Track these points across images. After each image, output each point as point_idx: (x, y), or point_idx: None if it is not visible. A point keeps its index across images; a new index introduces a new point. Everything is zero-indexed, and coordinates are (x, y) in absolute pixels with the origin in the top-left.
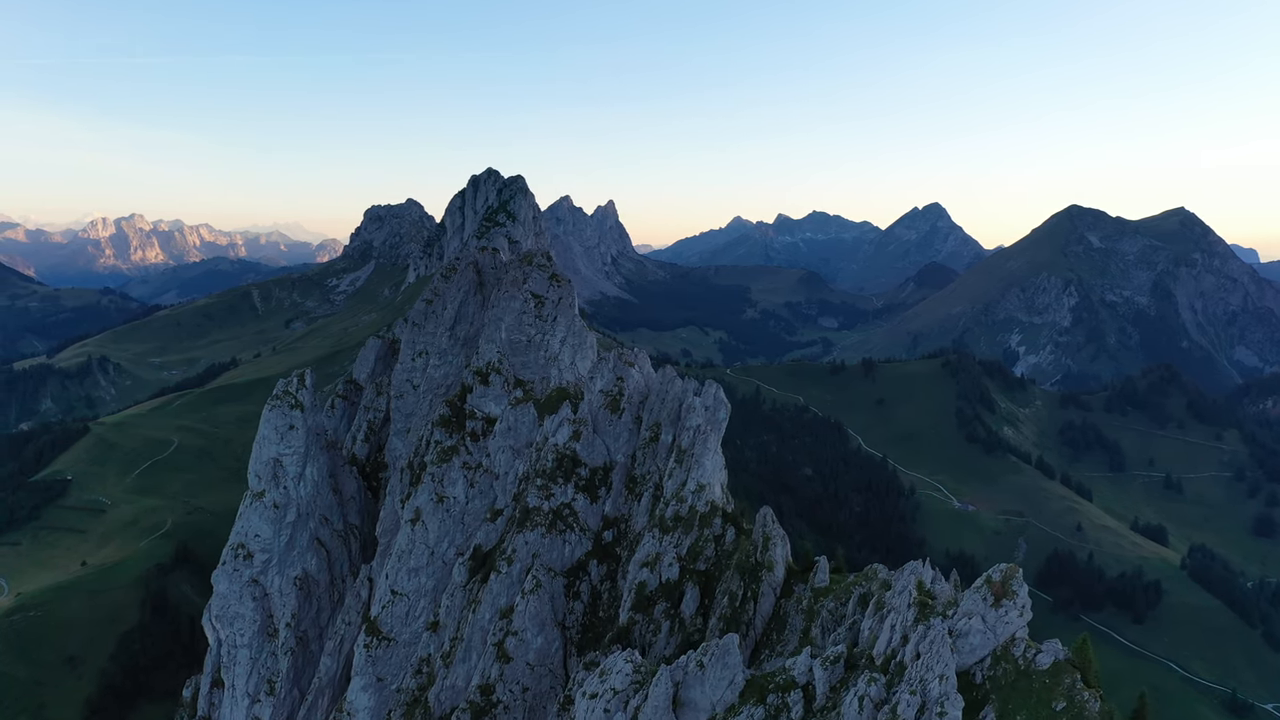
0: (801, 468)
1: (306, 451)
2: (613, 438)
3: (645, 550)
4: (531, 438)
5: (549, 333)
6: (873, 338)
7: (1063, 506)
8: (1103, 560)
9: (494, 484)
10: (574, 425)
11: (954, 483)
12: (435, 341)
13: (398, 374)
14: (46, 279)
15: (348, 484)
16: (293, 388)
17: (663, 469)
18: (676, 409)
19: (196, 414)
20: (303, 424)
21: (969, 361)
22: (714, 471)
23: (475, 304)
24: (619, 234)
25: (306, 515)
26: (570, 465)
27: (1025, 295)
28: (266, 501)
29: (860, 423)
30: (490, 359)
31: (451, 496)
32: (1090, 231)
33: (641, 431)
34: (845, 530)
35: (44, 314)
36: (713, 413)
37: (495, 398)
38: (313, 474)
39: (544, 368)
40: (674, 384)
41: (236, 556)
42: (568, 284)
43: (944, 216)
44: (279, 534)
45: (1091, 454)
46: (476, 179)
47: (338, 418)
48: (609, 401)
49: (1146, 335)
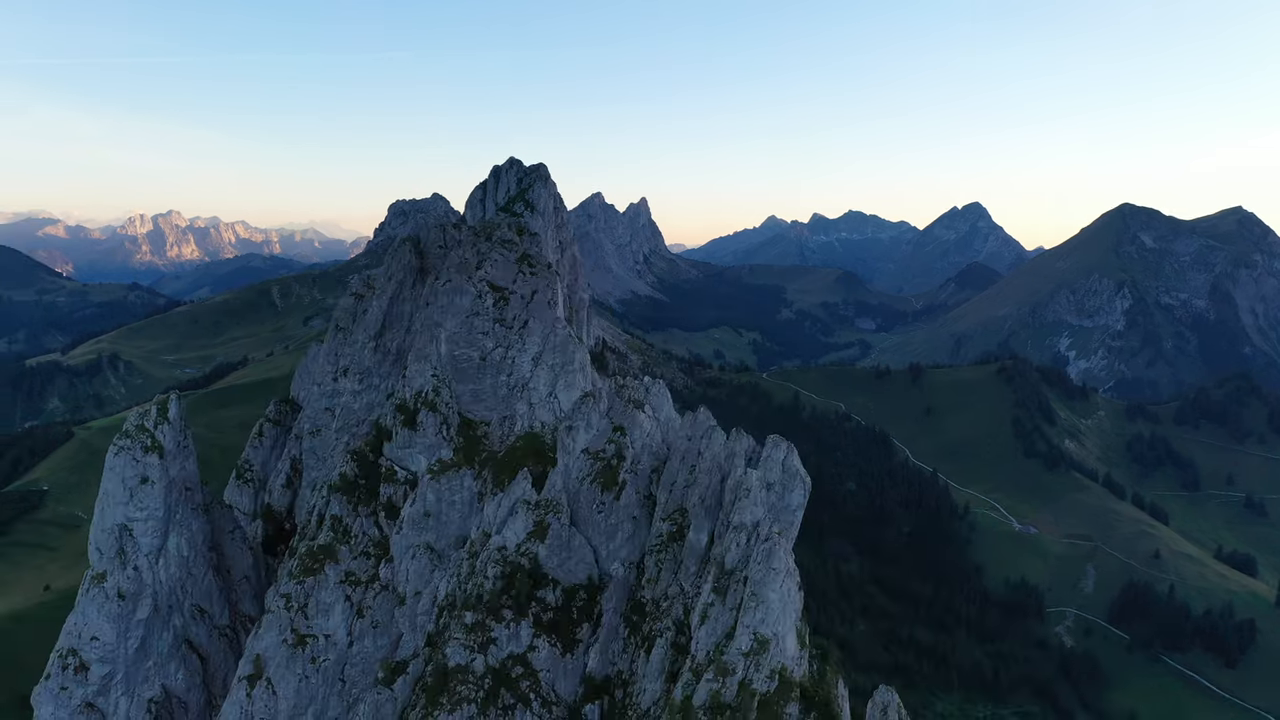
0: (844, 481)
1: (168, 515)
2: (604, 533)
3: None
4: (465, 530)
5: (515, 346)
6: (913, 340)
7: (1136, 530)
8: (1185, 593)
9: (396, 613)
10: (535, 513)
11: (1012, 501)
12: (358, 355)
13: (312, 400)
14: (85, 274)
15: (239, 559)
16: (149, 421)
17: (691, 595)
18: (717, 486)
19: (195, 418)
20: (161, 475)
21: (1026, 368)
22: (784, 611)
23: (412, 300)
24: (651, 232)
25: (169, 608)
26: (527, 584)
27: (1075, 297)
28: (109, 589)
29: (907, 433)
30: (421, 386)
31: (322, 635)
32: (1143, 231)
33: (656, 522)
34: (893, 553)
35: (71, 309)
36: (783, 497)
37: (427, 448)
38: (179, 547)
39: (507, 401)
40: (712, 440)
41: (65, 669)
42: (548, 272)
43: (984, 216)
44: (125, 636)
45: (1162, 471)
46: (498, 169)
47: (266, 451)
48: (600, 470)
49: (1205, 340)
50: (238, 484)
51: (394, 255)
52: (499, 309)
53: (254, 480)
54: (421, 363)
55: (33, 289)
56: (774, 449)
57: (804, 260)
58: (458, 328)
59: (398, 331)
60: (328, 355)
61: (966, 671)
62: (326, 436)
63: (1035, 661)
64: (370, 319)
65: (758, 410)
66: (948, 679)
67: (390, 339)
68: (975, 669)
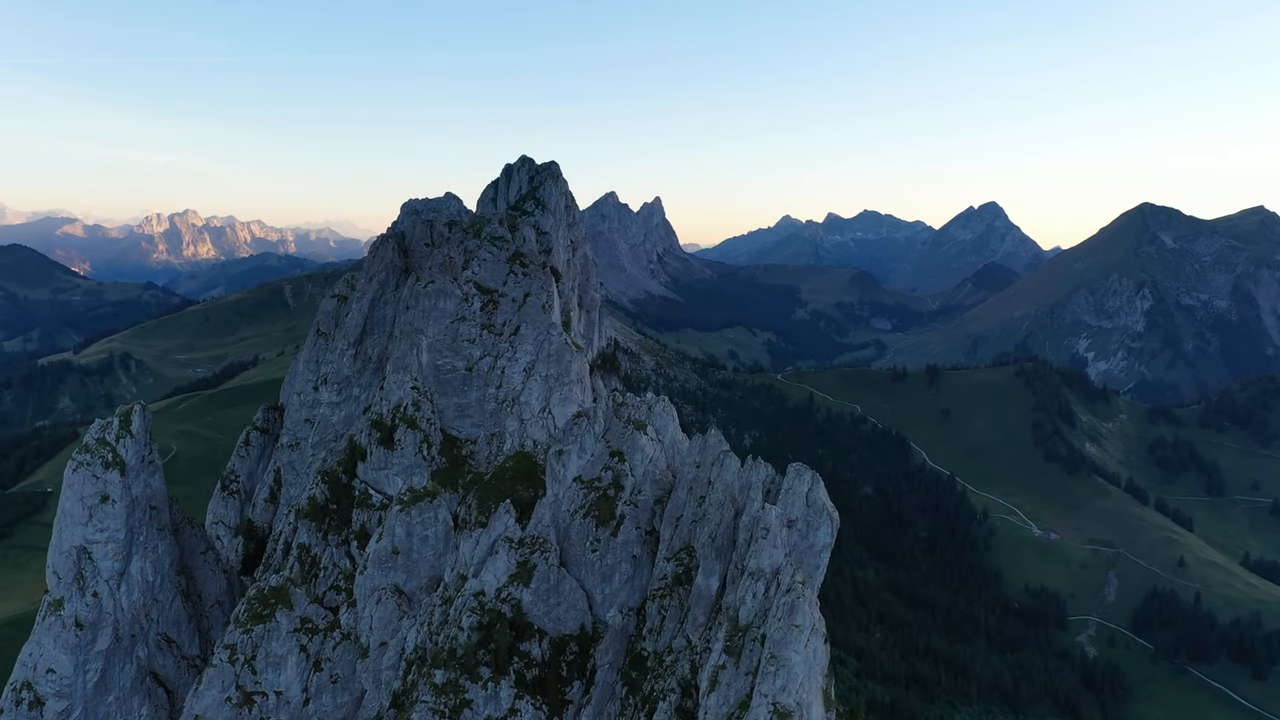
0: (860, 486)
1: (130, 537)
2: (598, 575)
3: None
4: (441, 569)
5: (505, 355)
6: (928, 340)
7: (1160, 537)
8: (1211, 602)
9: (359, 667)
10: (519, 552)
11: (1032, 506)
12: (337, 363)
13: (293, 409)
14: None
15: (212, 583)
16: (110, 434)
17: (699, 649)
18: (730, 523)
19: (202, 418)
20: (123, 493)
21: (1046, 369)
22: (809, 675)
23: (395, 303)
24: (665, 231)
25: (131, 638)
26: (508, 636)
27: (1094, 298)
28: (66, 617)
29: (924, 436)
30: (400, 399)
31: (273, 693)
32: (1163, 231)
33: (659, 562)
34: (910, 558)
35: (86, 308)
36: (806, 536)
37: (406, 469)
38: (143, 572)
39: (495, 416)
40: (724, 468)
41: (19, 704)
42: (542, 272)
43: (1001, 216)
44: (84, 669)
45: (1185, 475)
46: (510, 167)
47: (252, 461)
48: (595, 501)
49: (1227, 341)
50: (223, 495)
51: (375, 253)
52: (487, 313)
53: (240, 492)
54: (401, 373)
55: (48, 288)
56: (796, 480)
57: (819, 260)
58: (441, 335)
59: (379, 337)
60: (308, 362)
61: (986, 682)
62: (304, 451)
63: (1057, 672)
64: (350, 324)
65: (772, 412)
66: (966, 690)
67: (371, 346)
68: (995, 680)
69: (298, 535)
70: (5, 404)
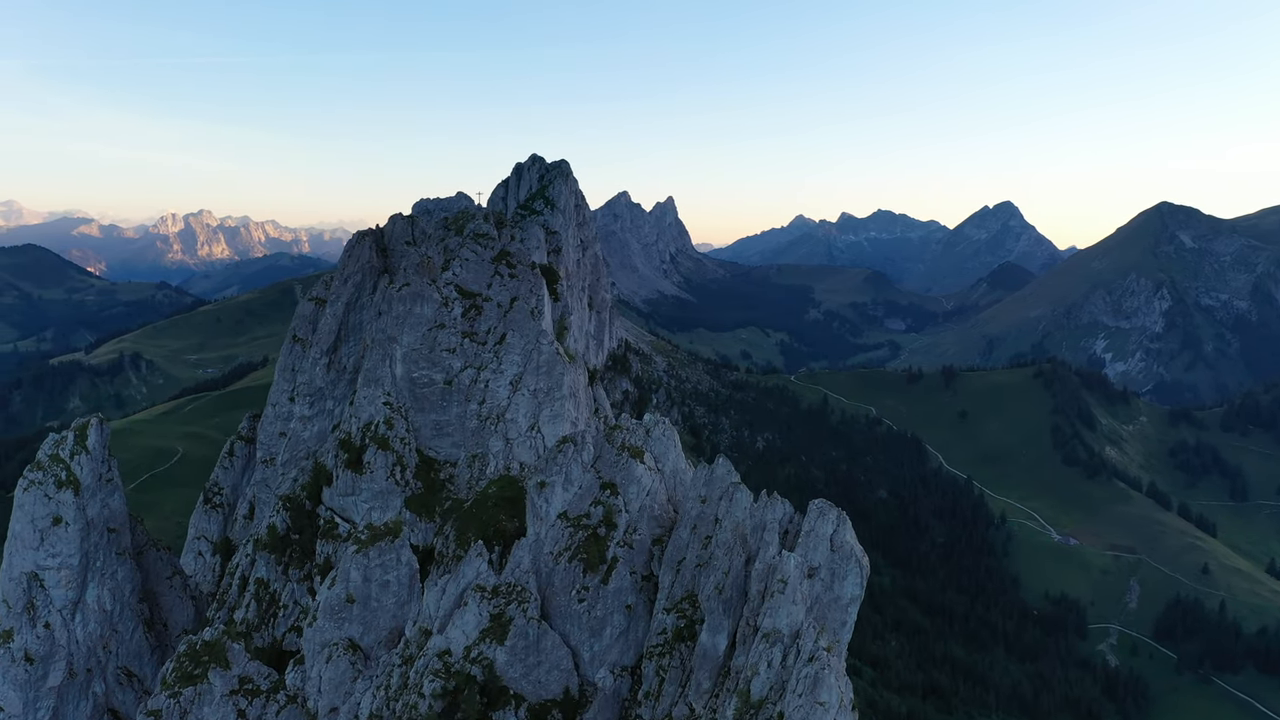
0: (875, 489)
1: (85, 562)
2: (586, 630)
3: None
4: (400, 620)
5: (489, 367)
6: (943, 341)
7: (1183, 543)
8: (1237, 610)
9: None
10: (492, 602)
11: (1051, 511)
12: (310, 374)
13: (267, 422)
14: (117, 273)
15: (179, 610)
16: (64, 451)
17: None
18: (740, 570)
19: (209, 420)
20: (77, 515)
21: (1064, 371)
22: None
23: (371, 308)
24: (678, 231)
25: (86, 673)
26: (478, 703)
27: (1112, 298)
28: (15, 650)
29: (941, 439)
30: (371, 416)
31: None
32: (1182, 230)
33: (657, 614)
34: (926, 564)
35: (99, 308)
36: (831, 587)
37: (376, 495)
38: (100, 600)
39: (478, 435)
40: (734, 504)
41: None
42: (532, 274)
43: (1016, 215)
44: (34, 706)
45: (1208, 479)
46: (520, 166)
47: (236, 473)
48: (582, 542)
49: (1248, 343)
50: (205, 509)
51: (350, 253)
52: (469, 320)
53: (223, 505)
54: (372, 387)
55: (62, 287)
56: (819, 520)
57: (832, 260)
58: (417, 343)
59: (355, 345)
60: (283, 370)
61: (1005, 692)
62: (277, 469)
63: (1078, 682)
64: (323, 330)
65: (786, 413)
66: (985, 700)
67: (347, 354)
68: (1014, 689)
69: (255, 569)
70: (15, 405)
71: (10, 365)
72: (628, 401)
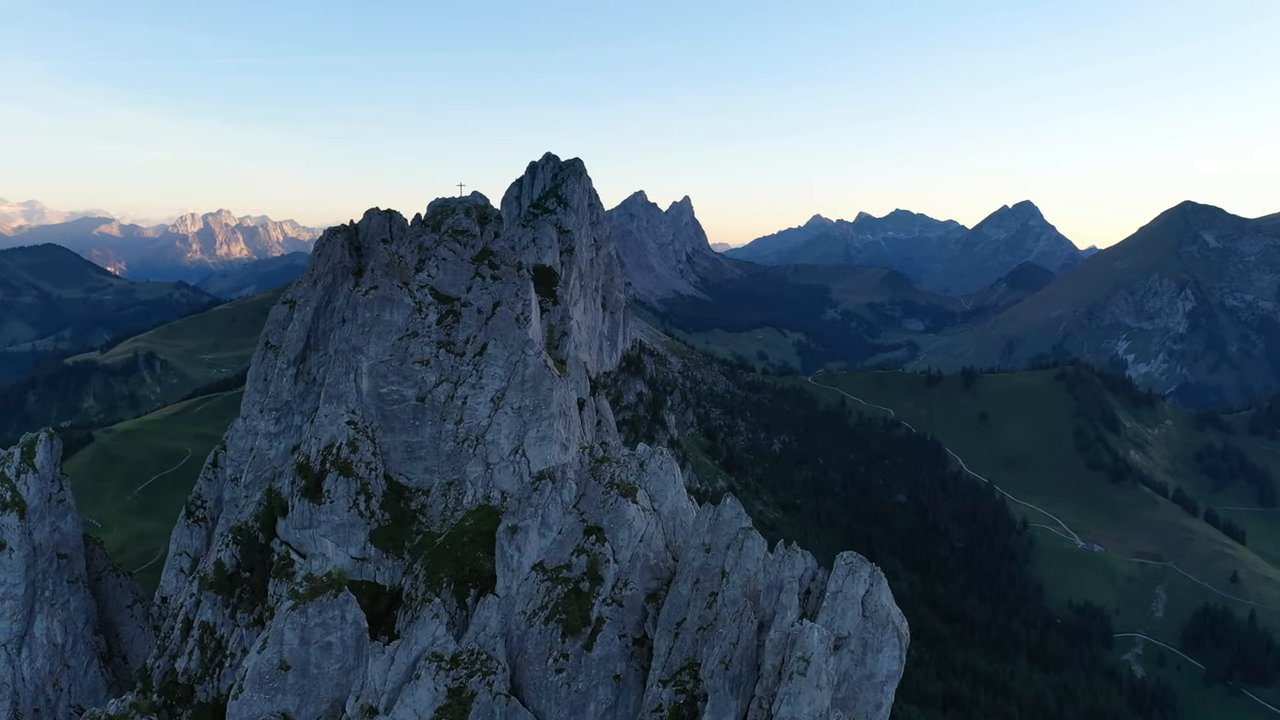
0: (894, 493)
1: (33, 592)
2: (565, 706)
3: None
4: (344, 690)
5: (467, 381)
6: (962, 342)
7: (1211, 551)
8: (1267, 620)
9: None
10: (451, 674)
11: (1074, 517)
12: (276, 385)
13: (236, 437)
14: (136, 273)
15: (140, 642)
16: (10, 469)
17: None
18: (751, 638)
19: (219, 421)
20: (23, 540)
21: (1087, 373)
22: None
23: (341, 314)
24: (694, 230)
25: (34, 713)
26: None
27: (1134, 298)
28: None
29: (961, 442)
30: (334, 437)
31: None
32: (1206, 230)
33: (651, 686)
34: (946, 570)
35: (117, 307)
36: (863, 661)
37: (337, 528)
38: (49, 633)
39: (454, 459)
40: (744, 555)
41: None
42: (517, 275)
43: (1035, 215)
44: None
45: (1235, 484)
46: (534, 165)
47: (219, 486)
48: (562, 599)
49: (1273, 344)
50: (187, 522)
51: (320, 252)
52: (445, 328)
53: (206, 519)
54: (334, 404)
55: (81, 287)
56: (848, 578)
57: (849, 260)
58: (386, 354)
59: (325, 355)
60: (254, 380)
61: (1028, 703)
62: (240, 491)
63: (1103, 693)
64: (291, 337)
65: (803, 415)
66: (1008, 711)
67: (316, 365)
68: (1038, 700)
69: (200, 610)
70: (30, 404)
71: (28, 364)
72: (641, 403)
